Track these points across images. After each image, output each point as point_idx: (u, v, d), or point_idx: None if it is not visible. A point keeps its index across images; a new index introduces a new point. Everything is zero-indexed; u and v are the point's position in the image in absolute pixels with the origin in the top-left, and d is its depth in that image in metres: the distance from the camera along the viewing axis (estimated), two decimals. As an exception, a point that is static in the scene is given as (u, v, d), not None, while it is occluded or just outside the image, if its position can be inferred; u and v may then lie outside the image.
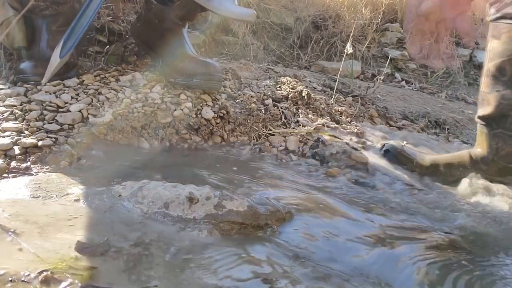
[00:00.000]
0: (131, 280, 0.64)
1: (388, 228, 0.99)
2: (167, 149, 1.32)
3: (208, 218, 0.84)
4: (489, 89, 1.31)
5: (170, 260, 0.71)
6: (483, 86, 1.34)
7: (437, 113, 2.11)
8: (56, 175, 0.97)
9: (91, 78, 1.45)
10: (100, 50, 1.80)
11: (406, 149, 1.46)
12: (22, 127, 1.14)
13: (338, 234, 0.92)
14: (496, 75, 1.28)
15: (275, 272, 0.72)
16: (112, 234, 0.75)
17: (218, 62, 1.83)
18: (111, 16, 1.82)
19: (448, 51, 1.20)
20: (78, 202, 0.86)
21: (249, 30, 2.35)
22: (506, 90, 1.27)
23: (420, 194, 1.25)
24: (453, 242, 0.97)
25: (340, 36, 2.61)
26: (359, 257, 0.84)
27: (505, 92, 1.27)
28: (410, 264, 0.84)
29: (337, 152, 1.41)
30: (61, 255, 0.67)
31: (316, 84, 2.07)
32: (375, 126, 1.81)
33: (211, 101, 1.48)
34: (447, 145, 1.71)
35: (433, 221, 1.08)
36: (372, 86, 2.14)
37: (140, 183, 0.94)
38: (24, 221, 0.76)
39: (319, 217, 0.99)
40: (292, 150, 1.44)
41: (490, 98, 1.30)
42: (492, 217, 1.13)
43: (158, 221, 0.83)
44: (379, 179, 1.31)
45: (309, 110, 1.68)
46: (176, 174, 1.16)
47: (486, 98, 1.32)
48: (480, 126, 1.35)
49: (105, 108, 1.29)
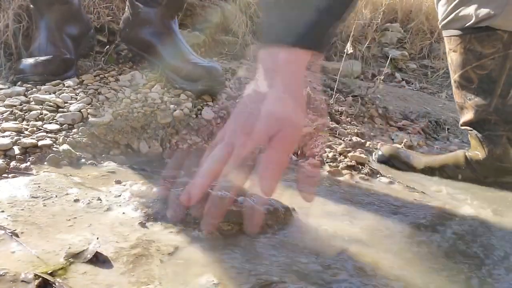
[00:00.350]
0: (131, 282, 0.64)
1: (389, 227, 0.99)
2: (167, 150, 1.32)
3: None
4: (462, 99, 1.34)
5: (170, 260, 0.71)
6: (456, 98, 1.37)
7: (437, 113, 2.11)
8: (56, 175, 0.97)
9: (90, 78, 1.45)
10: (100, 50, 1.80)
11: (401, 151, 1.47)
12: (21, 127, 1.14)
13: (338, 234, 0.91)
14: (464, 84, 1.31)
15: (275, 272, 0.72)
16: (112, 235, 0.75)
17: (218, 62, 1.83)
18: (110, 16, 1.82)
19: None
20: (78, 203, 0.86)
21: (249, 30, 2.34)
22: (477, 97, 1.29)
23: (418, 195, 1.24)
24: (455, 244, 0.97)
25: (340, 36, 2.61)
26: (359, 257, 0.83)
27: (477, 99, 1.29)
28: (412, 264, 0.84)
29: (337, 152, 1.41)
30: (60, 256, 0.67)
31: (316, 84, 2.07)
32: (375, 126, 1.81)
33: (211, 101, 1.47)
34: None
35: (434, 220, 1.07)
36: (372, 86, 2.14)
37: (140, 183, 0.94)
38: (24, 222, 0.76)
39: (319, 217, 0.99)
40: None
41: (466, 106, 1.33)
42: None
43: (159, 221, 0.83)
44: (379, 180, 1.31)
45: (308, 110, 1.68)
46: (176, 174, 1.16)
47: (464, 107, 1.34)
48: (470, 131, 1.36)
49: (105, 108, 1.29)
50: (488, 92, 1.28)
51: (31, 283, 0.60)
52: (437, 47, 2.93)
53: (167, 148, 1.30)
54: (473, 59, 1.26)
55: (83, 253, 0.68)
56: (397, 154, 1.44)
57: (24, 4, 1.60)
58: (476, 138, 1.34)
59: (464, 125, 1.38)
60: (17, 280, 0.61)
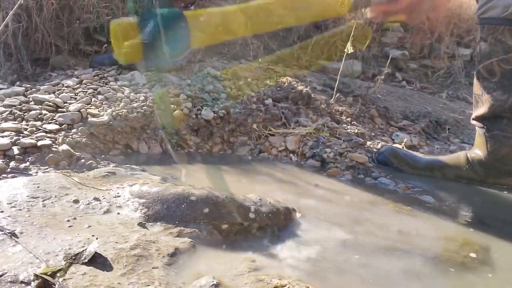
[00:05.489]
0: (131, 283, 0.64)
1: (389, 227, 0.99)
2: (166, 150, 1.32)
3: (208, 219, 0.84)
4: (480, 91, 1.32)
5: (170, 261, 0.71)
6: (475, 89, 1.35)
7: (438, 113, 2.11)
8: (55, 175, 0.97)
9: (90, 77, 1.44)
10: (99, 49, 1.80)
11: (403, 151, 1.46)
12: (21, 127, 1.14)
13: (339, 234, 0.91)
14: (486, 77, 1.29)
15: (275, 272, 0.72)
16: (111, 235, 0.75)
17: (218, 62, 1.82)
18: (110, 16, 1.81)
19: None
20: (77, 203, 0.85)
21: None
22: (496, 91, 1.28)
23: (418, 195, 1.24)
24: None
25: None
26: (359, 257, 0.83)
27: (496, 93, 1.28)
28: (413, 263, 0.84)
29: (337, 153, 1.41)
30: (60, 257, 0.66)
31: (316, 84, 2.07)
32: (376, 126, 1.80)
33: (211, 101, 1.47)
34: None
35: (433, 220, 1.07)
36: (372, 86, 2.13)
37: (139, 183, 0.93)
38: (23, 222, 0.75)
39: (319, 217, 0.99)
40: (292, 150, 1.43)
41: (483, 100, 1.32)
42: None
43: (158, 222, 0.82)
44: (379, 180, 1.31)
45: (309, 110, 1.67)
46: (175, 174, 1.16)
47: (480, 100, 1.33)
48: (478, 128, 1.36)
49: (104, 108, 1.28)
50: (507, 88, 1.26)
51: (31, 284, 0.60)
52: (437, 47, 2.92)
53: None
54: (501, 51, 1.25)
55: (82, 254, 0.67)
56: (398, 154, 1.43)
57: (24, 4, 1.60)
58: (483, 136, 1.33)
59: (476, 119, 1.36)
60: (16, 281, 0.60)
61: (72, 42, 1.76)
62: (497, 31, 1.25)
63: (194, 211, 0.84)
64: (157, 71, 1.53)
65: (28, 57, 1.60)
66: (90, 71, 1.53)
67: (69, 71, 1.58)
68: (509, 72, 1.25)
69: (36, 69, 1.61)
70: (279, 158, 1.41)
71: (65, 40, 1.74)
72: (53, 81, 1.39)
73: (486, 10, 1.28)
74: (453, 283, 0.81)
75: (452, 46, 2.94)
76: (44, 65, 1.66)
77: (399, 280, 0.78)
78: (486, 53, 1.28)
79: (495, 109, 1.29)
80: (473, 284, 0.80)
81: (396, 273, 0.80)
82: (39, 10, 1.65)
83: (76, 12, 1.74)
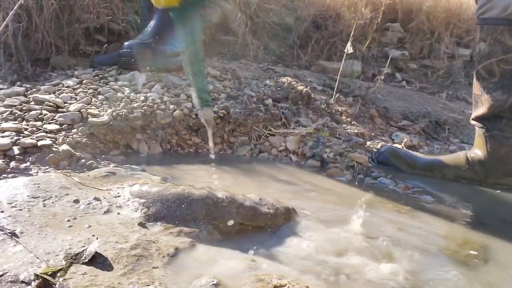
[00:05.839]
0: (131, 283, 0.64)
1: (389, 227, 0.99)
2: (166, 150, 1.32)
3: (208, 219, 0.84)
4: (480, 92, 1.33)
5: (170, 261, 0.71)
6: (475, 89, 1.36)
7: (437, 113, 2.11)
8: (56, 175, 0.97)
9: (90, 77, 1.44)
10: (99, 49, 1.80)
11: (402, 151, 1.46)
12: (21, 127, 1.14)
13: (339, 234, 0.91)
14: (486, 77, 1.30)
15: (275, 272, 0.72)
16: (111, 235, 0.75)
17: (218, 62, 1.82)
18: (110, 16, 1.81)
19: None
20: (77, 203, 0.85)
21: (249, 30, 2.34)
22: (496, 91, 1.28)
23: (418, 195, 1.24)
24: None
25: (341, 35, 2.61)
26: (359, 257, 0.83)
27: (495, 93, 1.28)
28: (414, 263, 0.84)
29: (337, 153, 1.41)
30: (60, 257, 0.67)
31: (316, 84, 2.07)
32: (376, 126, 1.80)
33: (211, 101, 1.47)
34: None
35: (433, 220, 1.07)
36: (372, 86, 2.14)
37: (139, 183, 0.93)
38: (23, 222, 0.75)
39: (319, 217, 0.99)
40: (292, 150, 1.43)
41: (482, 100, 1.32)
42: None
43: (158, 222, 0.82)
44: (379, 180, 1.31)
45: (309, 110, 1.67)
46: (175, 174, 1.16)
47: (479, 100, 1.33)
48: (478, 128, 1.36)
49: (105, 108, 1.29)
50: (507, 88, 1.27)
51: (32, 284, 0.60)
52: (437, 47, 2.93)
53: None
54: (500, 51, 1.25)
55: (83, 254, 0.67)
56: (398, 154, 1.44)
57: (24, 4, 1.60)
58: (483, 136, 1.33)
59: (475, 119, 1.36)
60: (17, 281, 0.61)
61: (72, 42, 1.76)
62: (497, 32, 1.25)
63: (194, 211, 0.84)
64: (157, 71, 1.53)
65: (28, 57, 1.60)
66: (90, 71, 1.53)
67: (69, 71, 1.58)
68: (508, 72, 1.26)
69: (36, 69, 1.61)
70: (279, 158, 1.41)
71: (65, 40, 1.74)
72: (53, 81, 1.40)
73: (485, 11, 1.28)
74: (453, 283, 0.81)
75: (451, 46, 2.94)
76: (44, 65, 1.66)
77: (399, 280, 0.78)
78: (485, 54, 1.29)
79: (494, 109, 1.29)
80: (473, 283, 0.80)
81: (396, 273, 0.80)
82: (39, 10, 1.66)
83: (76, 12, 1.74)
